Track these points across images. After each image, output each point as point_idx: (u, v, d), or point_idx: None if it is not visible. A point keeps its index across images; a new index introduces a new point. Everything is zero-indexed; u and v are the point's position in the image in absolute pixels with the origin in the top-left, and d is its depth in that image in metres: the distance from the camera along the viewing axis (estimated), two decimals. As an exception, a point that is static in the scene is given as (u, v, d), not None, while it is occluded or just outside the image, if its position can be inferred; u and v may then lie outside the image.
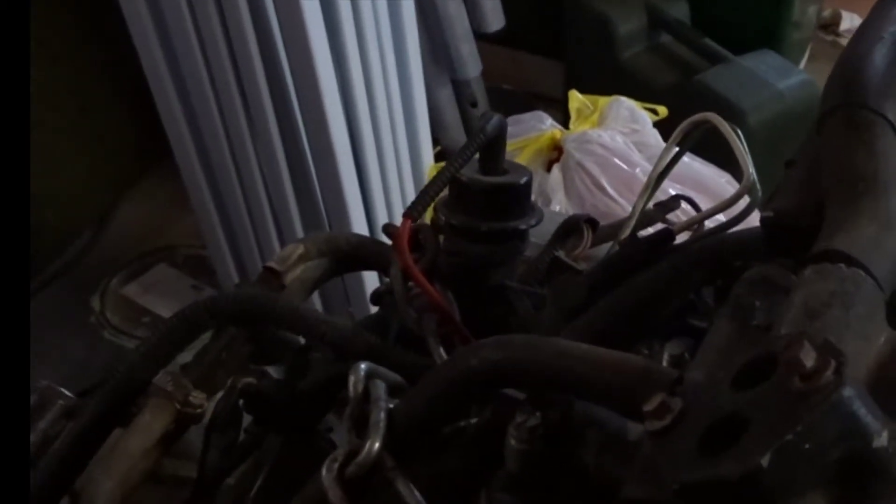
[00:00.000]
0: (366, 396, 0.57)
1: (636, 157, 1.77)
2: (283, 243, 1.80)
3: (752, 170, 0.68)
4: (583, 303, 0.63)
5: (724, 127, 0.71)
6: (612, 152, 1.75)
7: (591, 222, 0.85)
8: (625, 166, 1.73)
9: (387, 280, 0.85)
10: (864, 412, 0.38)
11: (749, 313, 0.53)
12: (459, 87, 2.53)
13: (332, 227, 1.73)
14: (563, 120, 2.13)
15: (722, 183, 1.80)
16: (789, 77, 2.35)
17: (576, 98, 1.98)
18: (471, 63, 2.40)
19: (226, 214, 1.81)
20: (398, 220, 1.81)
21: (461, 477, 0.57)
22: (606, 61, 2.70)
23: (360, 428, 0.56)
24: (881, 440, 0.38)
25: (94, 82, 2.45)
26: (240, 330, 0.73)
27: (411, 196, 1.89)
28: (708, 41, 2.51)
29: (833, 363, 0.38)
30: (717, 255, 0.63)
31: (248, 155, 1.66)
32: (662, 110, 1.98)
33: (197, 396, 0.65)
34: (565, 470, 0.53)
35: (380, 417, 0.54)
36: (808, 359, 0.38)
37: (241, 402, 0.71)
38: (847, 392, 0.37)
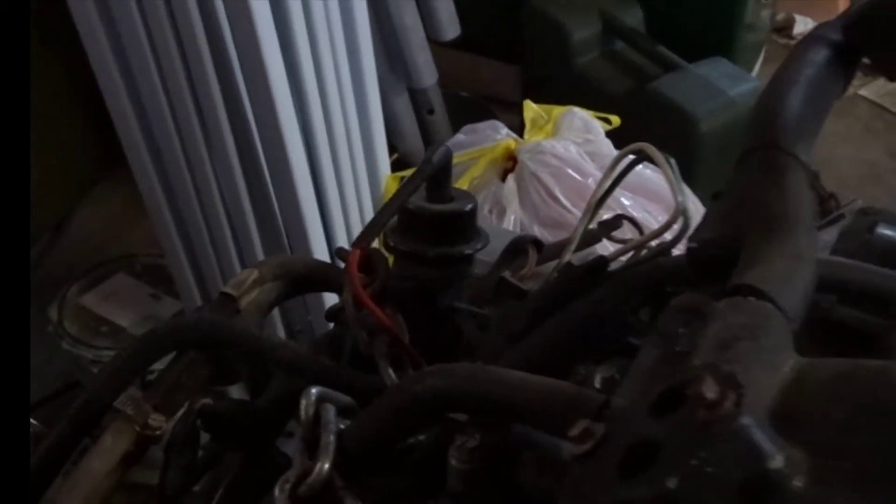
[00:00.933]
0: (317, 419, 0.61)
1: (589, 167, 1.82)
2: (241, 254, 1.83)
3: (681, 198, 0.72)
4: (524, 328, 0.68)
5: (658, 157, 0.76)
6: (565, 162, 1.80)
7: (537, 243, 0.90)
8: (578, 176, 1.78)
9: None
10: (762, 437, 0.43)
11: (672, 340, 0.58)
12: (416, 95, 2.58)
13: (289, 236, 1.77)
14: (520, 123, 2.17)
15: (673, 191, 1.86)
16: (741, 84, 2.42)
17: (530, 108, 2.03)
18: (427, 72, 2.45)
19: (184, 226, 1.83)
20: (356, 230, 1.85)
21: (410, 494, 0.61)
22: (561, 67, 2.76)
23: (312, 450, 0.61)
24: (777, 462, 0.43)
25: (48, 85, 2.46)
26: (199, 353, 0.77)
27: (368, 207, 1.93)
28: (661, 49, 2.58)
29: (733, 395, 0.42)
30: (650, 281, 0.67)
31: (205, 165, 1.68)
32: (615, 120, 2.04)
33: (156, 419, 0.69)
34: (505, 489, 0.58)
35: (329, 440, 0.58)
36: (710, 391, 0.42)
37: (198, 421, 0.75)
38: (745, 420, 0.42)
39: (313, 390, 0.62)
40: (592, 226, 1.01)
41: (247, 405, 0.78)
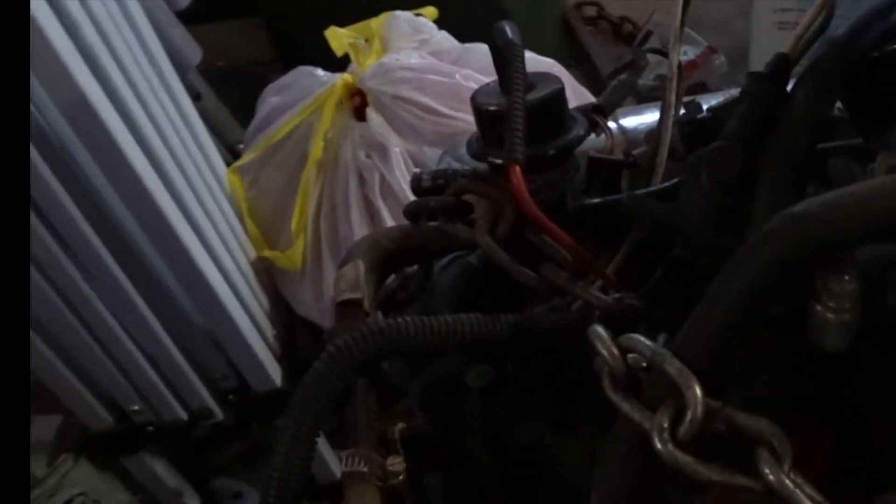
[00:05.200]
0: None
1: (445, 66, 1.75)
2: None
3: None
4: (741, 170, 0.62)
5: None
6: (420, 71, 1.72)
7: (599, 109, 0.84)
8: (443, 79, 1.70)
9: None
10: None
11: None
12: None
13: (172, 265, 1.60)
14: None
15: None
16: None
17: (338, 34, 1.89)
18: (190, 50, 2.29)
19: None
20: (224, 230, 1.67)
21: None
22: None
23: (637, 392, 0.54)
24: None
25: None
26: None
27: (227, 207, 1.79)
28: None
29: None
30: (850, 58, 0.62)
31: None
32: (430, 11, 1.96)
33: (395, 462, 0.60)
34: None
35: (676, 364, 0.51)
36: None
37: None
38: None
39: (599, 328, 0.55)
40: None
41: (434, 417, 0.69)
